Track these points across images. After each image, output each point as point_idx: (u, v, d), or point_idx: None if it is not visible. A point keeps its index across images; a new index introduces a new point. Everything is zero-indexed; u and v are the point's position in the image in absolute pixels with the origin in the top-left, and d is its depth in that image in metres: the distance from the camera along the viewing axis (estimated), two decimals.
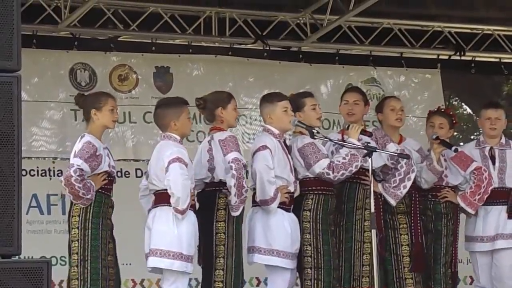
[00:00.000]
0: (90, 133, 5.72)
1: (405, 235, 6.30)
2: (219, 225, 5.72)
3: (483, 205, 6.50)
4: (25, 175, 7.27)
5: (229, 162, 5.65)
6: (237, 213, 5.69)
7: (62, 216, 7.43)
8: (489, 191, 6.44)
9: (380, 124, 6.56)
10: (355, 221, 6.15)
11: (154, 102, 6.50)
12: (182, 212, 5.51)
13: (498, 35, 8.82)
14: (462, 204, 6.44)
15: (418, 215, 6.35)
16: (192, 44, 8.19)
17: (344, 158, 5.98)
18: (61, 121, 7.72)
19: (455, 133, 11.77)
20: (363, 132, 6.08)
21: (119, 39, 8.01)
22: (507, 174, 6.55)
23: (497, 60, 8.98)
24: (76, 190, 5.54)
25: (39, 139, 7.71)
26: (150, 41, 8.05)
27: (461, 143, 10.87)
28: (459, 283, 6.60)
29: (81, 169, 5.55)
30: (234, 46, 8.29)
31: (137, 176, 7.70)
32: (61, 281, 7.00)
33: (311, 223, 5.96)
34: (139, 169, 7.74)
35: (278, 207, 5.85)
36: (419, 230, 6.33)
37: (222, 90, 6.48)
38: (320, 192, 6.02)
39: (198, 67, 8.23)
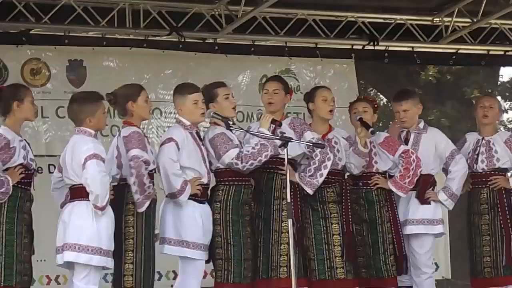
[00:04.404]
0: (6, 125, 5.64)
1: (336, 224, 6.32)
2: (128, 219, 5.70)
3: None
4: None
5: (129, 160, 5.65)
6: (142, 209, 5.69)
7: None
8: (419, 173, 6.46)
9: (310, 114, 6.56)
10: (273, 211, 6.16)
11: (67, 96, 6.42)
12: (102, 209, 5.51)
13: (411, 24, 8.93)
14: (393, 189, 6.46)
15: (349, 204, 6.37)
16: (106, 36, 8.10)
17: (253, 148, 5.99)
18: None
19: None
20: (274, 121, 6.10)
21: (31, 32, 7.88)
22: None
23: (410, 49, 9.09)
24: None
25: None
26: (63, 34, 7.94)
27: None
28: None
29: None
30: (149, 38, 8.23)
31: (50, 172, 7.61)
32: None
33: (221, 214, 5.97)
34: (52, 164, 7.65)
35: (190, 198, 5.84)
36: (350, 219, 6.35)
37: (138, 83, 6.43)
38: (231, 183, 6.03)
39: (113, 60, 8.16)
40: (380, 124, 12.75)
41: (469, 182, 6.81)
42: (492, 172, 6.75)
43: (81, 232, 5.51)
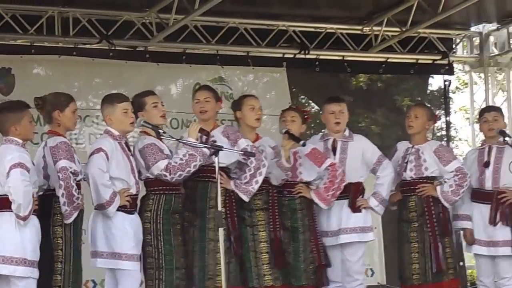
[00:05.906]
0: None
1: (263, 232, 6.32)
2: (55, 229, 5.66)
3: None
4: None
5: (57, 171, 5.62)
6: (69, 221, 5.66)
7: None
8: (342, 187, 6.51)
9: (237, 122, 6.57)
10: (207, 220, 6.14)
11: None
12: (24, 219, 5.47)
13: (341, 33, 9.04)
14: (315, 200, 6.49)
15: (276, 211, 6.39)
16: (35, 44, 8.03)
17: (181, 159, 5.98)
18: None
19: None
20: (201, 130, 6.10)
21: None
22: (347, 167, 6.63)
23: (341, 58, 9.19)
24: None
25: None
26: None
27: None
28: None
29: None
30: (79, 46, 8.17)
31: None
32: None
33: (152, 224, 5.94)
34: None
35: (119, 210, 5.81)
36: (277, 226, 6.37)
37: (69, 91, 6.35)
38: (161, 192, 6.00)
39: (42, 68, 8.08)
40: (312, 131, 12.83)
41: (399, 191, 6.87)
42: (420, 180, 6.82)
43: (4, 243, 5.48)
